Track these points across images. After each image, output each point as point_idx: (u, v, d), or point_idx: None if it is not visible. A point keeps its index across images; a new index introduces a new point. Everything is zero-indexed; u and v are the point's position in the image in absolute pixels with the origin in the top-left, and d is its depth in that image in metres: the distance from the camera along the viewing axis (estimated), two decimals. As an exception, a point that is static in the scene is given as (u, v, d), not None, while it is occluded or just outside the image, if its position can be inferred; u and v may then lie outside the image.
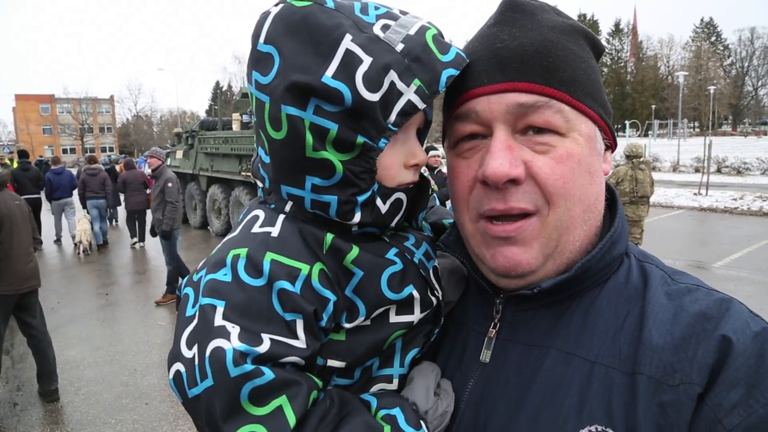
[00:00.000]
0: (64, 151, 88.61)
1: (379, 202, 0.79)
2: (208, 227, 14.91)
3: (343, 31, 0.71)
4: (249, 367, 0.67)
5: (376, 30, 0.73)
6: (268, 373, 0.67)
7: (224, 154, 13.37)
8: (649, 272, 0.82)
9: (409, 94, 0.72)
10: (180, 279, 8.62)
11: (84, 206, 13.19)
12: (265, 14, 0.77)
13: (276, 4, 0.77)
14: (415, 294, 0.83)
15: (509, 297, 0.85)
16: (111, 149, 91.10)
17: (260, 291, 0.72)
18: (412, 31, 0.74)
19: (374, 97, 0.70)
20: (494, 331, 0.85)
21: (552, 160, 0.76)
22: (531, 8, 0.82)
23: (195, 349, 0.70)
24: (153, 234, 8.78)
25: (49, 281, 10.03)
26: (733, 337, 0.68)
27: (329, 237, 0.77)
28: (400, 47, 0.72)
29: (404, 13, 0.78)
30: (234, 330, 0.69)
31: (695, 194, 18.32)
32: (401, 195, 0.82)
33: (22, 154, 13.64)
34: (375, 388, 0.83)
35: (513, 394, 0.78)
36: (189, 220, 16.27)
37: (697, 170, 24.93)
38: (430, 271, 0.87)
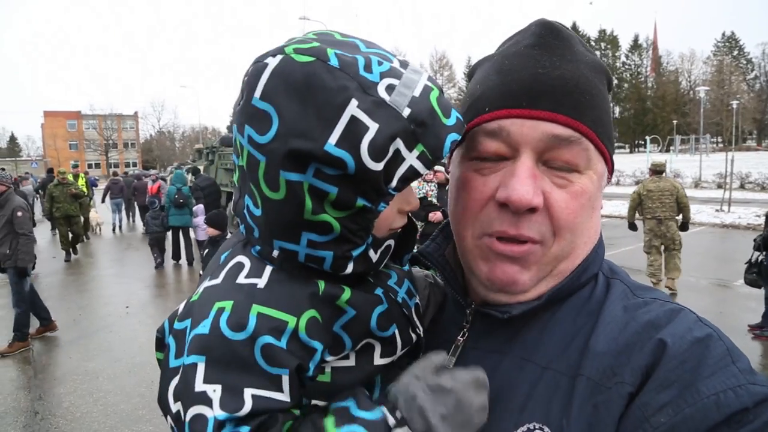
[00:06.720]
0: (89, 166, 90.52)
1: (371, 252, 0.78)
2: (227, 241, 15.10)
3: (348, 96, 0.66)
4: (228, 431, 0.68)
5: (381, 91, 0.68)
6: (245, 430, 0.68)
7: (243, 170, 13.57)
8: (612, 287, 0.85)
9: (412, 159, 0.70)
10: (28, 323, 7.23)
11: (103, 201, 20.25)
12: (262, 65, 0.70)
13: (273, 54, 0.71)
14: (398, 333, 0.84)
15: (477, 311, 0.88)
16: (134, 164, 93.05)
17: (243, 344, 0.70)
18: (417, 92, 0.70)
19: (378, 167, 0.67)
20: (462, 339, 0.88)
21: (568, 194, 0.79)
22: (567, 36, 0.84)
23: (180, 406, 0.70)
24: (1, 271, 7.19)
25: (70, 292, 10.25)
26: (669, 341, 0.70)
27: (322, 284, 0.76)
28: (406, 112, 0.68)
29: (405, 65, 0.74)
30: (215, 395, 0.68)
31: (717, 210, 17.99)
32: (391, 241, 0.82)
33: None
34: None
35: None
36: (208, 234, 16.60)
37: (719, 186, 24.48)
38: (413, 310, 0.88)
